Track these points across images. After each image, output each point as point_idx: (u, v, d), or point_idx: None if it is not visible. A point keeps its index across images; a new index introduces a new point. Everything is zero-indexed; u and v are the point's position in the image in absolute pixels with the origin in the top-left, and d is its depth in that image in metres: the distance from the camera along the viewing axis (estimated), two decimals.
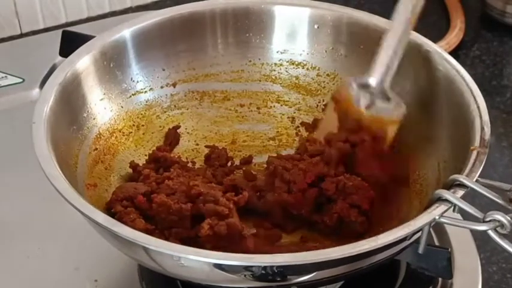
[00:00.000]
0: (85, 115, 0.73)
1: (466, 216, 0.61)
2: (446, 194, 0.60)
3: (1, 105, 0.92)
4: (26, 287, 0.73)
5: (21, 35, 1.06)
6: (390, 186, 0.73)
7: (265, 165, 0.76)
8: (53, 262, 0.75)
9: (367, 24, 0.79)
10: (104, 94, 0.76)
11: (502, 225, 0.58)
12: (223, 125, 0.82)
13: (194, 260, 0.57)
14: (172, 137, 0.79)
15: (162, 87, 0.80)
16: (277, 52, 0.82)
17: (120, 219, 0.66)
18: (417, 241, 0.63)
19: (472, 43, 1.06)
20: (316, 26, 0.80)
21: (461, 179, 0.61)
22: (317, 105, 0.82)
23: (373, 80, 0.73)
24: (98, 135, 0.74)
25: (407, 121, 0.75)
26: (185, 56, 0.81)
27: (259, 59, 0.82)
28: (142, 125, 0.79)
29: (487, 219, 0.58)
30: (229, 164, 0.79)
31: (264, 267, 0.58)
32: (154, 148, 0.78)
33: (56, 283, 0.73)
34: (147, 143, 0.78)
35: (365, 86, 0.73)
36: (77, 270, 0.74)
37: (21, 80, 0.94)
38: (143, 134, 0.79)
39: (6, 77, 0.95)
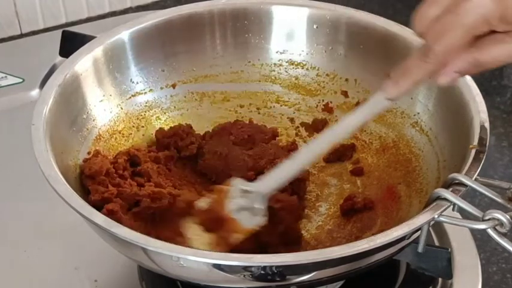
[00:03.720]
0: (84, 116, 0.73)
1: (465, 215, 0.61)
2: (445, 192, 0.60)
3: (1, 105, 0.92)
4: (26, 286, 0.73)
5: (21, 35, 1.06)
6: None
7: None
8: (53, 262, 0.75)
9: (366, 24, 0.79)
10: (104, 95, 0.76)
11: (502, 224, 0.58)
12: None
13: (193, 260, 0.57)
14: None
15: (161, 88, 0.80)
16: (277, 52, 0.82)
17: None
18: (417, 241, 0.63)
19: None
20: (315, 26, 0.80)
21: (461, 178, 0.61)
22: (317, 105, 0.82)
23: (259, 187, 0.65)
24: (98, 137, 0.74)
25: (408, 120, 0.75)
26: (184, 57, 0.81)
27: (259, 60, 0.82)
28: (142, 126, 0.79)
29: (486, 217, 0.58)
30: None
31: (263, 267, 0.58)
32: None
33: (55, 283, 0.73)
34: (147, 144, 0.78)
35: (246, 191, 0.66)
36: (77, 270, 0.74)
37: (21, 80, 0.95)
38: (143, 135, 0.79)
39: (6, 77, 0.95)
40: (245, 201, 0.64)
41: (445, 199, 0.60)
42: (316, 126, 0.80)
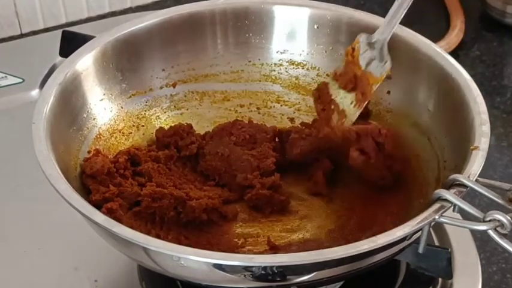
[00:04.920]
0: (85, 115, 0.73)
1: (466, 216, 0.61)
2: (446, 193, 0.60)
3: (1, 105, 0.92)
4: (26, 286, 0.73)
5: (21, 35, 1.06)
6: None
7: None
8: (53, 262, 0.75)
9: (367, 24, 0.78)
10: (104, 94, 0.76)
11: (502, 225, 0.58)
12: None
13: (194, 260, 0.57)
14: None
15: (161, 87, 0.80)
16: (277, 52, 0.82)
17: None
18: (417, 241, 0.63)
19: (472, 43, 1.06)
20: (316, 26, 0.80)
21: (461, 179, 0.61)
22: None
23: (376, 37, 0.76)
24: (98, 136, 0.74)
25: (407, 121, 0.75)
26: (185, 56, 0.81)
27: (259, 59, 0.82)
28: (142, 126, 0.79)
29: (487, 219, 0.58)
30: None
31: (264, 268, 0.57)
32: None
33: (55, 283, 0.73)
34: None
35: (371, 44, 0.76)
36: (76, 270, 0.74)
37: (21, 80, 0.94)
38: (143, 134, 0.79)
39: (6, 77, 0.95)
40: (372, 52, 0.75)
41: (446, 200, 0.60)
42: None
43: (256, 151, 0.76)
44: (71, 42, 0.84)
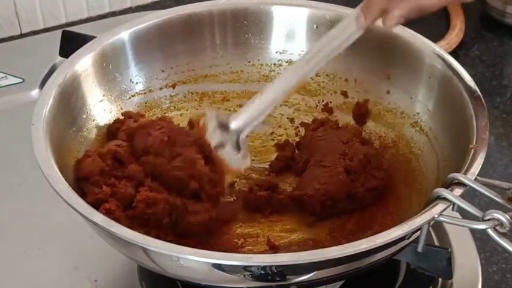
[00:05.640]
0: (84, 116, 0.73)
1: (465, 215, 0.61)
2: (445, 192, 0.60)
3: (1, 105, 0.92)
4: (26, 286, 0.73)
5: (21, 35, 1.06)
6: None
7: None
8: (53, 262, 0.75)
9: None
10: (104, 95, 0.76)
11: (501, 224, 0.58)
12: None
13: (193, 260, 0.57)
14: None
15: (161, 88, 0.80)
16: (276, 52, 0.82)
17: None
18: (416, 240, 0.63)
19: (472, 43, 1.06)
20: (315, 26, 0.80)
21: (460, 178, 0.61)
22: (316, 106, 0.82)
23: (234, 125, 0.71)
24: (98, 137, 0.74)
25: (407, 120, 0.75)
26: (184, 57, 0.81)
27: (258, 60, 0.82)
28: None
29: (486, 217, 0.58)
30: None
31: (263, 267, 0.58)
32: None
33: (55, 283, 0.73)
34: None
35: (223, 126, 0.71)
36: (76, 270, 0.74)
37: (21, 80, 0.94)
38: None
39: (6, 77, 0.95)
40: (224, 135, 0.70)
41: (445, 199, 0.60)
42: (316, 127, 0.80)
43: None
44: (71, 42, 0.84)
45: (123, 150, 0.71)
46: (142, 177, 0.69)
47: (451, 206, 0.60)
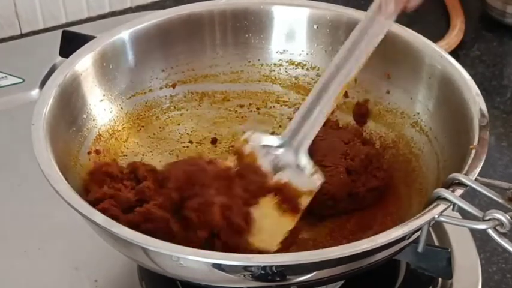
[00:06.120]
0: (84, 116, 0.73)
1: (465, 215, 0.61)
2: (445, 192, 0.60)
3: (1, 105, 0.92)
4: (26, 286, 0.73)
5: (21, 35, 1.06)
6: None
7: None
8: (53, 262, 0.75)
9: None
10: (104, 95, 0.76)
11: (502, 224, 0.58)
12: (223, 125, 0.82)
13: (193, 260, 0.57)
14: None
15: (161, 88, 0.80)
16: (277, 52, 0.82)
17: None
18: (417, 240, 0.63)
19: (472, 43, 1.06)
20: (315, 26, 0.80)
21: (461, 178, 0.61)
22: None
23: (276, 141, 0.68)
24: (98, 137, 0.74)
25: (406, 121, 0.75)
26: (184, 57, 0.81)
27: (259, 60, 0.82)
28: (142, 126, 0.79)
29: (487, 218, 0.58)
30: None
31: (264, 267, 0.57)
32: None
33: (55, 283, 0.73)
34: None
35: (269, 146, 0.66)
36: (77, 270, 0.74)
37: (21, 80, 0.94)
38: (143, 135, 0.79)
39: (6, 77, 0.95)
40: (278, 156, 0.64)
41: (446, 199, 0.60)
42: None
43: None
44: (71, 42, 0.84)
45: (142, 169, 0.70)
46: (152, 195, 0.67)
47: (452, 206, 0.60)
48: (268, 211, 0.65)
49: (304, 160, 0.68)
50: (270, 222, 0.65)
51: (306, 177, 0.67)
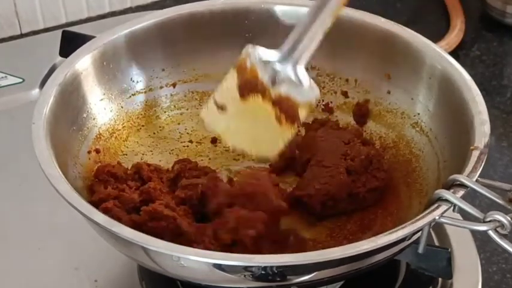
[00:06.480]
0: (85, 115, 0.73)
1: (466, 216, 0.61)
2: (446, 193, 0.60)
3: (1, 105, 0.91)
4: (26, 286, 0.73)
5: (21, 35, 1.06)
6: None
7: None
8: (53, 262, 0.75)
9: (366, 24, 0.78)
10: (104, 94, 0.76)
11: (502, 226, 0.58)
12: None
13: (194, 260, 0.57)
14: None
15: (161, 87, 0.80)
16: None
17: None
18: (417, 241, 0.63)
19: (472, 43, 1.06)
20: None
21: (461, 179, 0.61)
22: (317, 105, 0.81)
23: (275, 55, 0.68)
24: (98, 136, 0.74)
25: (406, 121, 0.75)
26: (185, 56, 0.81)
27: None
28: (143, 125, 0.79)
29: (487, 219, 0.58)
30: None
31: (264, 268, 0.57)
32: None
33: (56, 283, 0.73)
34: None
35: (267, 61, 0.68)
36: (77, 270, 0.74)
37: (21, 80, 0.94)
38: (143, 134, 0.79)
39: (6, 77, 0.95)
40: (274, 71, 0.67)
41: (446, 200, 0.60)
42: (316, 127, 0.80)
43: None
44: (71, 42, 0.84)
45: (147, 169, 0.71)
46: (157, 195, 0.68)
47: (452, 207, 0.60)
48: (268, 122, 0.67)
49: (302, 74, 0.68)
50: (269, 132, 0.68)
51: (304, 90, 0.68)
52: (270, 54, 0.68)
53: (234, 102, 0.68)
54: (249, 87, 0.67)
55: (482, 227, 0.58)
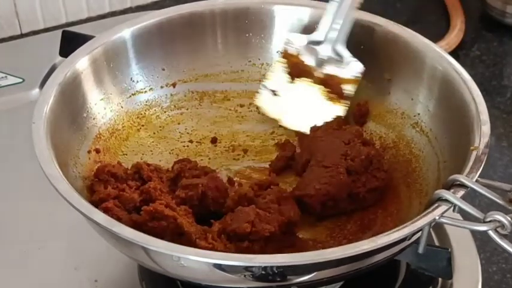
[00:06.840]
0: (85, 115, 0.73)
1: (466, 216, 0.61)
2: (446, 194, 0.60)
3: (1, 105, 0.92)
4: (26, 286, 0.73)
5: (21, 35, 1.06)
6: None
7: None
8: (53, 262, 0.75)
9: (366, 24, 0.78)
10: (104, 94, 0.76)
11: (503, 226, 0.58)
12: (223, 125, 0.82)
13: (194, 260, 0.57)
14: None
15: (162, 87, 0.80)
16: (277, 52, 0.82)
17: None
18: (417, 241, 0.63)
19: (472, 43, 1.06)
20: (316, 26, 0.80)
21: (462, 179, 0.61)
22: None
23: (314, 38, 0.76)
24: (98, 135, 0.74)
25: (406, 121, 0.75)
26: (185, 56, 0.81)
27: (259, 59, 0.82)
28: (142, 125, 0.79)
29: (488, 219, 0.58)
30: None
31: (264, 268, 0.57)
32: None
33: (55, 283, 0.73)
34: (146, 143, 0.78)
35: (309, 45, 0.76)
36: (77, 270, 0.74)
37: (21, 80, 0.94)
38: (143, 134, 0.79)
39: (6, 77, 0.95)
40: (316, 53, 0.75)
41: (446, 200, 0.60)
42: (317, 127, 0.80)
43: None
44: (71, 42, 0.84)
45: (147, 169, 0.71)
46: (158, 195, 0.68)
47: (452, 208, 0.60)
48: (319, 100, 0.78)
49: (343, 51, 0.76)
50: (321, 109, 0.77)
51: (347, 67, 0.76)
52: (309, 38, 0.76)
53: (285, 87, 0.78)
54: (297, 71, 0.77)
55: (482, 227, 0.58)
